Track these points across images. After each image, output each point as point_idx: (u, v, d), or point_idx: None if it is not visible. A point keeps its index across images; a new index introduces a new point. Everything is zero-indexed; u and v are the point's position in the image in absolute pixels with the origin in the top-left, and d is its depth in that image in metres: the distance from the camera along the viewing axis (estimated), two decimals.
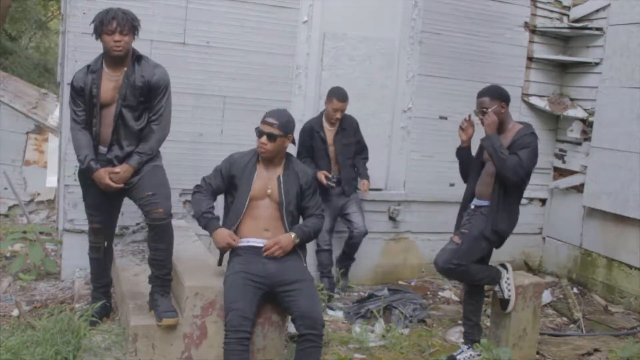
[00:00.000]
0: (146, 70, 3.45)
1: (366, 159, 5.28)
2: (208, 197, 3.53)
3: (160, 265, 3.49)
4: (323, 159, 5.03)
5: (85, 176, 3.56)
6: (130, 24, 3.38)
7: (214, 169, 3.60)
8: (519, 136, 3.78)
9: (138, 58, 3.49)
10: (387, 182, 5.76)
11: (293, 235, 3.44)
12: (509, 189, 3.81)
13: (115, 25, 3.33)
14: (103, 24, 3.34)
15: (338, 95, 4.95)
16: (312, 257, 4.98)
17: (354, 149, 5.18)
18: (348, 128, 5.11)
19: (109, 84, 3.43)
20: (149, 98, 3.46)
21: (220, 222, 3.51)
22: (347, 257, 5.32)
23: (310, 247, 4.62)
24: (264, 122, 3.46)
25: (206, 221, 3.45)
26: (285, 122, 3.47)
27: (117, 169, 3.44)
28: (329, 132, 5.06)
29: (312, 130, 5.01)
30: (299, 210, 3.58)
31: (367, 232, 5.20)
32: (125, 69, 3.44)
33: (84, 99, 3.45)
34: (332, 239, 5.17)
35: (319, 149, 5.03)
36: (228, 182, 3.53)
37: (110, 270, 4.00)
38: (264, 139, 3.43)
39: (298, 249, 3.52)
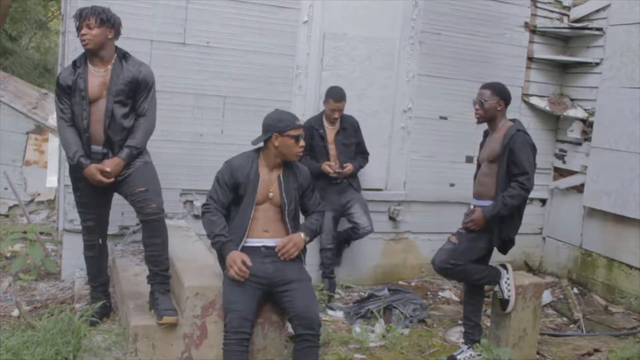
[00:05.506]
0: (133, 67, 3.53)
1: (366, 160, 5.22)
2: (220, 217, 3.41)
3: (158, 260, 3.51)
4: (323, 158, 5.03)
5: (76, 175, 3.59)
6: (97, 17, 3.41)
7: (216, 182, 3.46)
8: (507, 138, 3.77)
9: (124, 55, 3.56)
10: (387, 182, 5.75)
11: (303, 234, 3.43)
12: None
13: (80, 19, 3.43)
14: (75, 22, 3.46)
15: (334, 95, 4.95)
16: (312, 257, 4.97)
17: (355, 150, 5.15)
18: (349, 127, 5.11)
19: (95, 79, 3.49)
20: (135, 94, 3.54)
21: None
22: (341, 244, 5.34)
23: (313, 246, 4.62)
24: (297, 127, 3.40)
25: (220, 244, 3.34)
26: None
27: (107, 167, 3.45)
28: (330, 130, 5.07)
29: (311, 129, 5.00)
30: (300, 208, 3.56)
31: (372, 230, 5.15)
32: (111, 66, 3.50)
33: (70, 96, 3.49)
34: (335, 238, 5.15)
35: (318, 147, 5.03)
36: (234, 191, 3.43)
37: (106, 268, 4.01)
38: (302, 142, 3.44)
39: None
